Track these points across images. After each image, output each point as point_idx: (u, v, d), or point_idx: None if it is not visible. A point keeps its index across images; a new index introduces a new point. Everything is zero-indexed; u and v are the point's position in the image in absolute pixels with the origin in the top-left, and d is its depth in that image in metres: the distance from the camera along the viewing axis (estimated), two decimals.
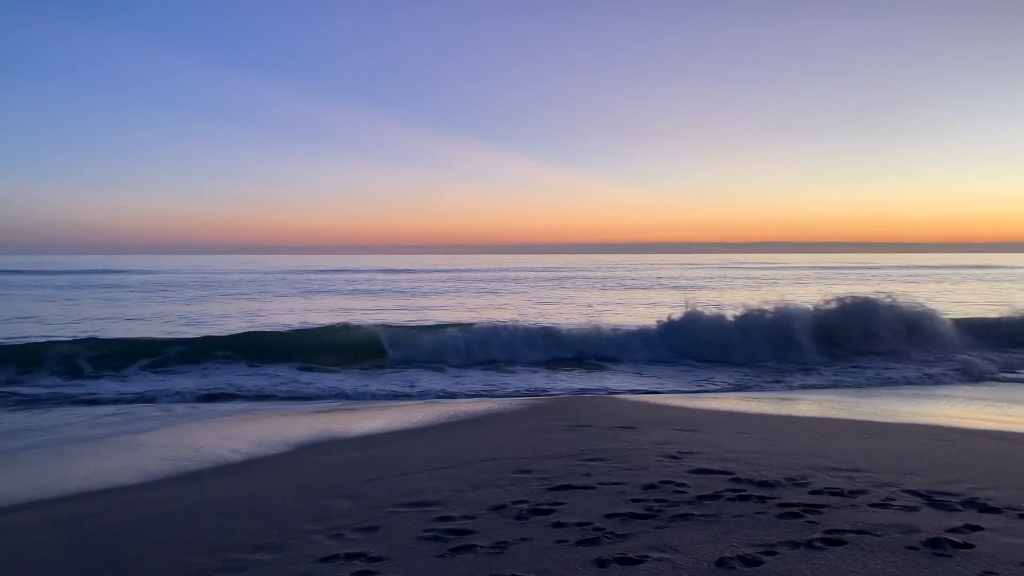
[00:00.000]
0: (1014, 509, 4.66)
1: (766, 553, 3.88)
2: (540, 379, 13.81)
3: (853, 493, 5.04)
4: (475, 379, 13.73)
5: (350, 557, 4.02)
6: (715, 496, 4.99)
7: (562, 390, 12.50)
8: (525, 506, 4.85)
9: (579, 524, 4.43)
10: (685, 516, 4.56)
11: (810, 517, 4.48)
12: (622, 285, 47.81)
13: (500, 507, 4.87)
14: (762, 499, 4.90)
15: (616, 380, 13.77)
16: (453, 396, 11.94)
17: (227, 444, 7.86)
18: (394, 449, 7.24)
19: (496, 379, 13.79)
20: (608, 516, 4.58)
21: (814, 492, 5.08)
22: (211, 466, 6.92)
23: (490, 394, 12.17)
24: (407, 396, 11.98)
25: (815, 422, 8.39)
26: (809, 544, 4.00)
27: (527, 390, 12.45)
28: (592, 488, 5.27)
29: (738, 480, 5.41)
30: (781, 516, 4.52)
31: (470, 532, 4.37)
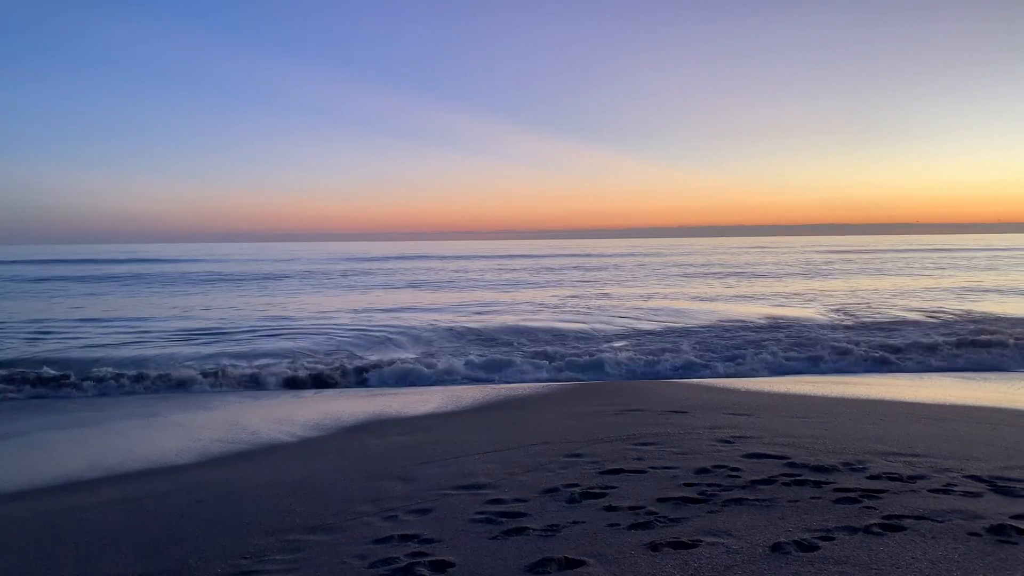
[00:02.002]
0: None
1: (823, 538, 3.82)
2: None
3: (912, 478, 4.93)
4: None
5: (404, 539, 4.07)
6: (769, 481, 4.93)
7: None
8: (577, 489, 4.85)
9: (631, 508, 4.42)
10: (739, 501, 4.51)
11: (868, 502, 4.40)
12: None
13: (552, 490, 4.87)
14: (818, 484, 4.83)
15: None
16: None
17: (282, 427, 8.01)
18: (446, 432, 7.29)
19: None
20: (660, 500, 4.55)
21: (872, 477, 4.98)
22: (267, 448, 7.06)
23: None
24: None
25: (872, 405, 8.22)
26: (867, 530, 3.93)
27: None
28: (644, 472, 5.25)
29: (793, 465, 5.33)
30: (838, 501, 4.45)
31: (522, 515, 4.39)
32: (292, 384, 11.56)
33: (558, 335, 16.53)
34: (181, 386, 11.34)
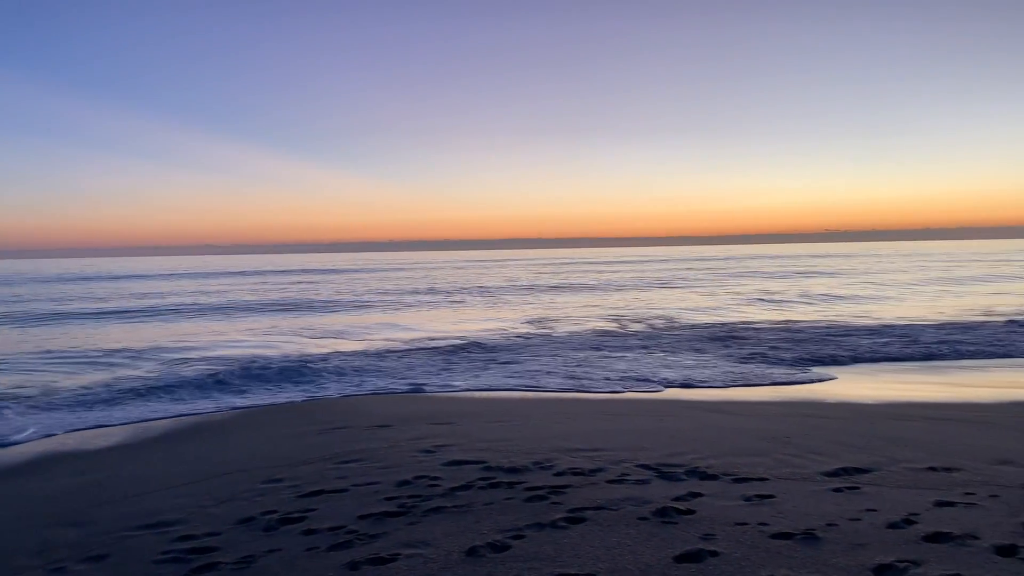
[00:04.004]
0: (728, 475, 5.22)
1: (514, 537, 4.02)
2: None
3: (593, 472, 5.38)
4: None
5: None
6: (467, 486, 5.10)
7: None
8: (274, 516, 4.66)
9: (331, 529, 4.34)
10: (438, 509, 4.61)
11: (555, 498, 4.72)
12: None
13: (248, 520, 4.64)
14: (511, 485, 5.09)
15: None
16: None
17: None
18: (129, 467, 6.66)
19: None
20: (361, 517, 4.53)
21: (558, 474, 5.35)
22: None
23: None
24: None
25: (560, 405, 8.86)
26: (554, 524, 4.21)
27: None
28: (346, 491, 5.18)
29: (489, 468, 5.58)
30: (528, 500, 4.72)
31: (214, 549, 4.12)
32: None
33: (257, 359, 15.86)
34: None
